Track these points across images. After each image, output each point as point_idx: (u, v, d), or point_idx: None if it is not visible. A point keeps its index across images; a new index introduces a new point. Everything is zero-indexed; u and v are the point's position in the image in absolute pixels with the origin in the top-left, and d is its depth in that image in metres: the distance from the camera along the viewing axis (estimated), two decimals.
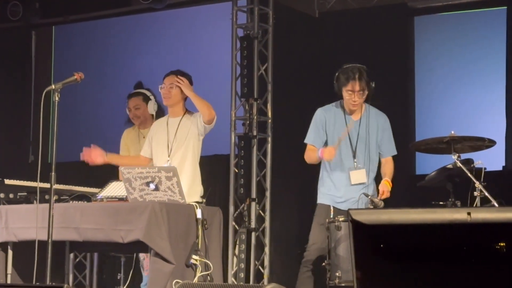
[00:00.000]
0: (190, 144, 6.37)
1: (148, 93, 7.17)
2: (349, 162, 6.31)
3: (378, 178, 6.46)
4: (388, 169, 6.41)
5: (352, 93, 6.21)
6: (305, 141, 6.47)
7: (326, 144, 6.38)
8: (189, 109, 6.52)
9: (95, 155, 6.51)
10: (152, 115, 7.07)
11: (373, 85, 6.25)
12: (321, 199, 6.44)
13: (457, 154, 6.19)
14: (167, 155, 6.41)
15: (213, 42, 9.65)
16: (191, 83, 6.46)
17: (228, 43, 9.02)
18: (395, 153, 6.51)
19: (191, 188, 6.26)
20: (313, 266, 6.28)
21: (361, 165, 6.31)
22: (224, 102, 9.19)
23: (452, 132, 6.27)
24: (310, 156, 6.41)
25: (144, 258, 6.98)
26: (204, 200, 6.45)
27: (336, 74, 6.30)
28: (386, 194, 6.21)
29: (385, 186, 6.24)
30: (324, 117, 6.39)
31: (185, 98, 6.47)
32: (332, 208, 6.25)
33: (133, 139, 7.24)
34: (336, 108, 6.41)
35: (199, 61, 9.68)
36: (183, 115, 6.45)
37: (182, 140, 6.38)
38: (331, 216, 6.10)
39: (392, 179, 6.36)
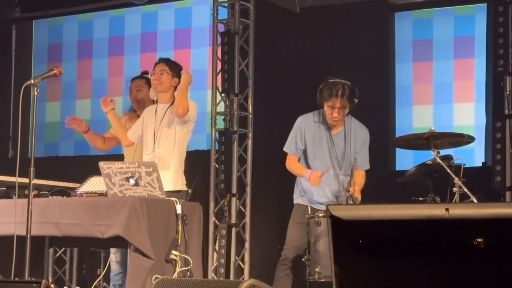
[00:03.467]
0: (173, 131, 6.37)
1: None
2: (332, 176, 6.32)
3: None
4: (359, 181, 6.41)
5: (333, 109, 6.18)
6: (285, 149, 6.44)
7: (305, 153, 6.38)
8: None
9: (79, 122, 6.65)
10: (153, 100, 7.02)
11: (356, 101, 6.21)
12: (298, 199, 6.45)
13: (436, 150, 6.21)
14: (153, 142, 6.41)
15: (193, 37, 9.65)
16: (177, 70, 6.50)
17: (209, 38, 9.04)
18: (368, 167, 6.52)
19: (178, 175, 6.29)
20: (291, 264, 6.29)
21: (344, 178, 6.35)
22: (205, 97, 9.20)
23: (432, 128, 6.29)
24: (293, 170, 6.41)
25: (115, 251, 7.00)
26: (190, 190, 6.48)
27: (320, 86, 6.25)
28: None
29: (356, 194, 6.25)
30: (304, 127, 6.37)
31: (175, 87, 6.49)
32: (309, 208, 6.26)
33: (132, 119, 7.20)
34: (318, 118, 6.38)
35: (181, 56, 9.68)
36: (171, 103, 6.46)
37: (166, 127, 6.39)
38: (307, 216, 6.14)
39: (360, 190, 6.35)
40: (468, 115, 8.66)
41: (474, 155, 8.43)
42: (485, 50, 8.48)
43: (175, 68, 6.51)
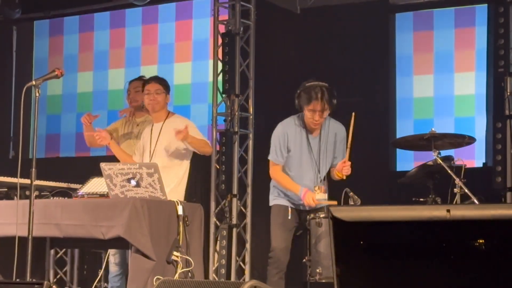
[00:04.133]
0: (172, 147, 6.40)
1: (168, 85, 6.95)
2: (311, 178, 6.26)
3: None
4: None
5: (314, 112, 6.12)
6: (270, 158, 6.31)
7: (290, 156, 6.29)
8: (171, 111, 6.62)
9: (104, 136, 6.59)
10: (142, 106, 7.01)
11: (335, 102, 6.15)
12: (276, 200, 6.36)
13: (437, 151, 6.22)
14: (148, 158, 6.46)
15: (195, 38, 9.65)
16: (168, 89, 6.55)
17: (210, 38, 9.05)
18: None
19: (173, 192, 6.28)
20: (282, 266, 6.17)
21: (322, 178, 6.29)
22: (206, 98, 9.21)
23: (433, 129, 6.30)
24: (281, 182, 6.28)
25: (114, 253, 7.01)
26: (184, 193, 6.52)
27: (298, 91, 6.16)
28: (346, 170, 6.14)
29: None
30: (287, 133, 6.28)
31: (167, 103, 6.56)
32: (290, 209, 6.23)
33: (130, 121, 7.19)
34: (297, 123, 6.29)
35: (182, 56, 9.68)
36: (165, 119, 6.50)
37: (163, 145, 6.42)
38: (289, 217, 6.12)
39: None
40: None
41: (475, 155, 8.44)
42: (485, 49, 8.49)
43: (166, 86, 6.58)
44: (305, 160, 6.25)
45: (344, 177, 6.14)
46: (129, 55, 10.03)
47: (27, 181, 5.45)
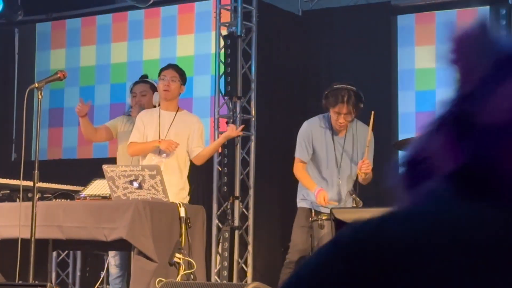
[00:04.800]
0: (180, 142, 6.40)
1: (155, 84, 6.97)
2: (334, 179, 6.32)
3: None
4: (368, 178, 6.38)
5: (339, 115, 6.17)
6: (296, 155, 6.44)
7: (314, 155, 6.35)
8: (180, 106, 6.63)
9: (82, 109, 6.61)
10: (154, 106, 6.99)
11: (362, 106, 6.21)
12: (301, 203, 6.45)
13: None
14: (158, 150, 6.41)
15: (196, 40, 9.66)
16: (185, 80, 6.52)
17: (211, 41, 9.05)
18: (372, 166, 6.51)
19: (179, 186, 6.30)
20: (294, 267, 6.30)
21: (344, 182, 6.33)
22: (208, 100, 9.21)
23: None
24: (301, 179, 6.39)
25: (114, 255, 7.01)
26: (188, 197, 6.50)
27: (326, 92, 6.23)
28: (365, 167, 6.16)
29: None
30: (311, 131, 6.36)
31: (179, 94, 6.53)
32: (313, 211, 6.28)
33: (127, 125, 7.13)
34: (323, 122, 6.37)
35: (183, 58, 9.69)
36: (177, 112, 6.49)
37: (175, 137, 6.39)
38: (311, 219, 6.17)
39: (367, 183, 6.33)
40: None
41: None
42: None
43: (183, 77, 6.52)
44: (331, 158, 6.32)
45: (364, 176, 6.17)
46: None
47: (30, 183, 5.46)
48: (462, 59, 1.09)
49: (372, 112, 6.09)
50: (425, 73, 8.95)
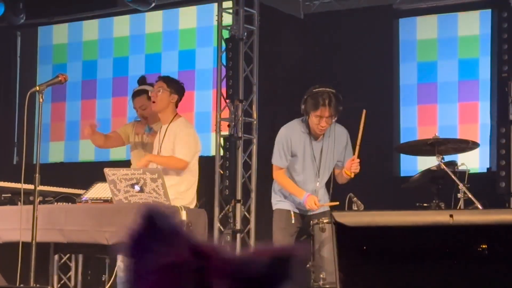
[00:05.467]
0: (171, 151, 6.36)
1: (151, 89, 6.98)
2: (312, 183, 6.26)
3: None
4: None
5: (321, 118, 6.09)
6: (273, 162, 6.28)
7: (292, 160, 6.29)
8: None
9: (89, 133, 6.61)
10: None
11: (341, 108, 6.13)
12: (279, 205, 6.35)
13: (441, 156, 6.21)
14: (156, 166, 6.41)
15: (199, 43, 9.67)
16: (176, 87, 6.43)
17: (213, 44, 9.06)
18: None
19: (177, 199, 6.25)
20: None
21: (322, 185, 6.28)
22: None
23: (436, 134, 6.30)
24: (285, 186, 6.26)
25: (122, 259, 6.99)
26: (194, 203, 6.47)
27: (305, 96, 6.12)
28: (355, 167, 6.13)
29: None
30: (290, 137, 6.26)
31: (175, 102, 6.43)
32: (292, 213, 6.21)
33: (140, 130, 7.08)
34: (301, 127, 6.25)
35: (185, 61, 9.69)
36: (171, 121, 6.41)
37: (167, 151, 6.36)
38: (292, 221, 6.12)
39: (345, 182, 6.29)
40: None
41: (479, 160, 8.43)
42: (489, 49, 8.49)
43: (173, 85, 6.44)
44: (308, 165, 6.25)
45: (353, 175, 6.12)
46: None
47: (31, 186, 5.46)
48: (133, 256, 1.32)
49: (364, 111, 6.04)
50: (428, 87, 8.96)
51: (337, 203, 6.06)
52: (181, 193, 6.29)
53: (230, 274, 1.30)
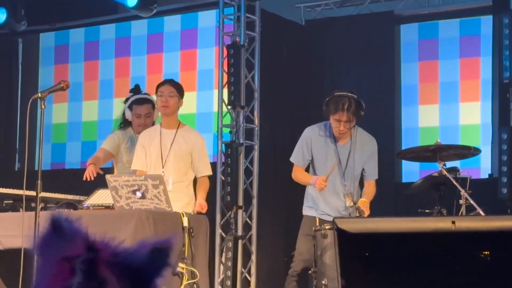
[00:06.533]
0: (183, 161, 6.38)
1: (154, 101, 6.90)
2: (339, 185, 6.33)
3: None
4: (370, 192, 6.39)
5: (339, 122, 6.18)
6: (292, 160, 6.46)
7: (312, 165, 6.40)
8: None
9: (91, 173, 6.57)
10: (154, 122, 6.96)
11: (363, 113, 6.21)
12: (307, 211, 6.47)
13: (443, 162, 6.22)
14: (161, 167, 6.39)
15: (199, 49, 9.67)
16: (182, 93, 6.48)
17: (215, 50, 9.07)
18: (377, 177, 6.50)
19: (184, 202, 6.27)
20: (298, 277, 6.31)
21: (350, 187, 6.33)
22: (211, 115, 9.23)
23: (438, 140, 6.30)
24: (299, 179, 6.44)
25: None
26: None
27: (326, 99, 6.24)
28: (366, 213, 6.21)
29: (364, 205, 6.24)
30: (311, 138, 6.38)
31: (178, 108, 6.49)
32: (317, 219, 6.28)
33: (124, 139, 7.06)
34: (324, 131, 6.39)
35: (186, 68, 9.70)
36: (178, 128, 6.45)
37: (178, 155, 6.37)
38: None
39: (370, 200, 6.36)
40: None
41: (481, 166, 8.43)
42: (491, 61, 8.50)
43: (181, 90, 6.49)
44: (331, 165, 6.30)
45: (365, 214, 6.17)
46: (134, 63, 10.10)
47: (33, 193, 5.45)
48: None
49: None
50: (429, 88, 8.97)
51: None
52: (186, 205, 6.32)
53: (117, 264, 1.54)
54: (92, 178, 6.61)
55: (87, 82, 10.31)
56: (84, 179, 6.59)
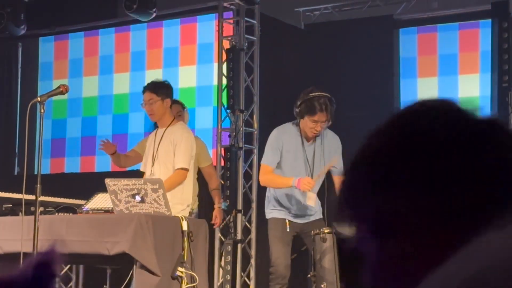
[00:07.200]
0: (168, 161, 6.36)
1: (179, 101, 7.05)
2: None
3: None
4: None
5: (316, 123, 6.16)
6: (263, 162, 6.38)
7: (279, 166, 6.34)
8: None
9: (109, 145, 6.64)
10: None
11: (333, 112, 6.21)
12: (273, 213, 6.39)
13: None
14: (151, 166, 6.42)
15: (199, 53, 9.68)
16: (165, 91, 6.43)
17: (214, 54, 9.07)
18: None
19: (173, 201, 6.26)
20: (284, 281, 6.20)
21: (315, 190, 6.31)
22: (210, 113, 9.22)
23: None
24: (274, 181, 6.32)
25: None
26: (189, 210, 6.47)
27: (301, 101, 6.18)
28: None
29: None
30: (282, 139, 6.33)
31: (170, 106, 6.49)
32: (287, 221, 6.26)
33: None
34: (293, 130, 6.34)
35: (187, 72, 9.70)
36: (169, 125, 6.44)
37: (163, 154, 6.37)
38: (288, 230, 6.14)
39: None
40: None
41: None
42: (489, 65, 8.51)
43: (161, 90, 6.44)
44: (299, 165, 6.30)
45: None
46: (134, 58, 10.08)
47: (32, 197, 5.46)
48: None
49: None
50: (428, 81, 8.97)
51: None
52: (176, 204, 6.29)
53: None
54: (104, 146, 6.66)
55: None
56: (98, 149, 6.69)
